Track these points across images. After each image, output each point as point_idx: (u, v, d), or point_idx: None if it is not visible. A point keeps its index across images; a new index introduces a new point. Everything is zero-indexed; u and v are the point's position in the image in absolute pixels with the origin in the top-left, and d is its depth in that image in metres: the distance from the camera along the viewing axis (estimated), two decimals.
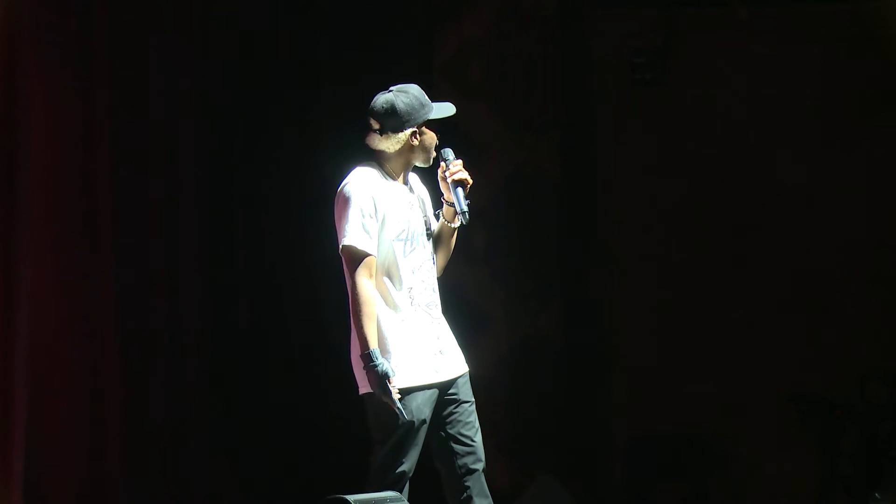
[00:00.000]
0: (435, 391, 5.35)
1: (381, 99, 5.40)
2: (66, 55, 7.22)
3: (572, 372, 8.70)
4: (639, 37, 8.70)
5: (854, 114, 8.53)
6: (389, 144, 5.39)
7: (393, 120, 5.38)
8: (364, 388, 5.30)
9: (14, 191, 6.72)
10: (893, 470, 7.90)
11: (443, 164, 5.48)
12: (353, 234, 5.29)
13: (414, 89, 5.47)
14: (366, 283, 5.26)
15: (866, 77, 8.51)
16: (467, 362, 5.42)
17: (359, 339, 5.21)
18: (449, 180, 5.45)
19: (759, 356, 8.60)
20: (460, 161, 5.48)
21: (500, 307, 8.61)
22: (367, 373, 5.19)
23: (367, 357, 5.18)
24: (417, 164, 5.49)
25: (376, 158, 5.44)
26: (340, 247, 5.28)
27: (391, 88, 5.45)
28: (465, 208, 5.41)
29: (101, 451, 7.31)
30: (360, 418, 8.03)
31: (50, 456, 7.08)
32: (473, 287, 8.61)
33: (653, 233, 8.77)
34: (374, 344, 5.22)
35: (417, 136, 5.42)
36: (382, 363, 5.20)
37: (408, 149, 5.43)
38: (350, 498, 5.04)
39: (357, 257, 5.27)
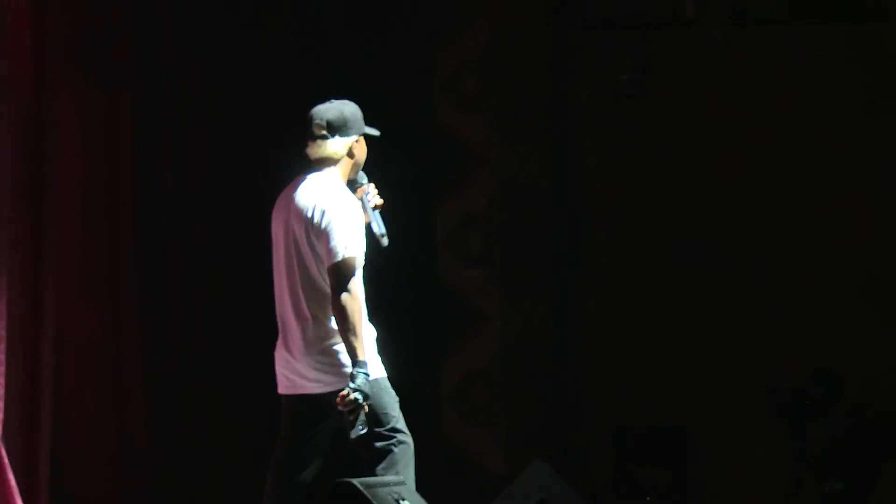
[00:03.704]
0: None
1: (329, 106, 5.50)
2: (90, 65, 7.20)
3: (562, 366, 8.84)
4: (623, 55, 8.80)
5: (826, 125, 8.62)
6: (337, 149, 5.48)
7: (341, 125, 5.47)
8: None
9: (42, 184, 6.73)
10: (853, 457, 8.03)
11: (363, 187, 5.54)
12: (358, 244, 5.41)
13: (354, 104, 5.58)
14: (361, 291, 5.40)
15: (837, 91, 8.61)
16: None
17: (358, 344, 5.29)
18: (371, 205, 5.54)
19: (737, 350, 8.67)
20: (373, 184, 5.59)
21: (495, 307, 8.76)
22: (366, 376, 5.28)
23: (363, 365, 5.29)
24: (350, 177, 5.58)
25: (323, 168, 5.52)
26: (342, 257, 5.32)
27: (331, 100, 5.56)
28: (385, 231, 5.53)
29: (126, 444, 7.33)
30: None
31: (76, 450, 7.10)
32: (471, 288, 8.79)
33: (636, 236, 8.87)
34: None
35: (357, 145, 5.54)
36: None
37: (349, 156, 5.52)
38: (356, 481, 5.16)
39: (355, 267, 5.38)
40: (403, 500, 5.28)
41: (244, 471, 7.57)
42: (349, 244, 5.38)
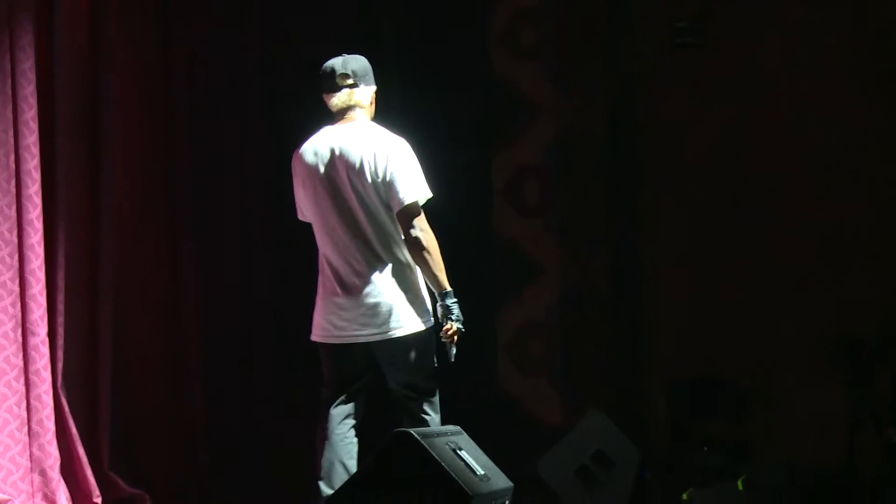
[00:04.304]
0: None
1: (349, 58, 5.56)
2: (144, 37, 7.33)
3: (618, 317, 8.82)
4: (679, 3, 8.73)
5: (883, 73, 8.48)
6: (363, 98, 5.55)
7: (364, 74, 5.55)
8: (418, 326, 5.55)
9: (99, 122, 6.81)
10: None
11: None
12: (424, 184, 5.49)
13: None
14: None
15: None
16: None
17: (442, 276, 5.47)
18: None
19: (793, 302, 8.59)
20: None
21: (551, 257, 8.79)
22: (457, 303, 5.48)
23: (451, 294, 5.50)
24: None
25: (348, 116, 5.53)
26: (412, 199, 5.42)
27: (342, 54, 5.59)
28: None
29: (183, 388, 7.45)
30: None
31: (134, 403, 7.20)
32: (527, 239, 8.83)
33: (693, 186, 8.80)
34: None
35: (375, 95, 5.63)
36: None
37: (371, 104, 5.62)
38: (414, 431, 5.18)
39: (421, 208, 5.52)
40: (461, 449, 5.31)
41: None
42: (416, 186, 5.45)
